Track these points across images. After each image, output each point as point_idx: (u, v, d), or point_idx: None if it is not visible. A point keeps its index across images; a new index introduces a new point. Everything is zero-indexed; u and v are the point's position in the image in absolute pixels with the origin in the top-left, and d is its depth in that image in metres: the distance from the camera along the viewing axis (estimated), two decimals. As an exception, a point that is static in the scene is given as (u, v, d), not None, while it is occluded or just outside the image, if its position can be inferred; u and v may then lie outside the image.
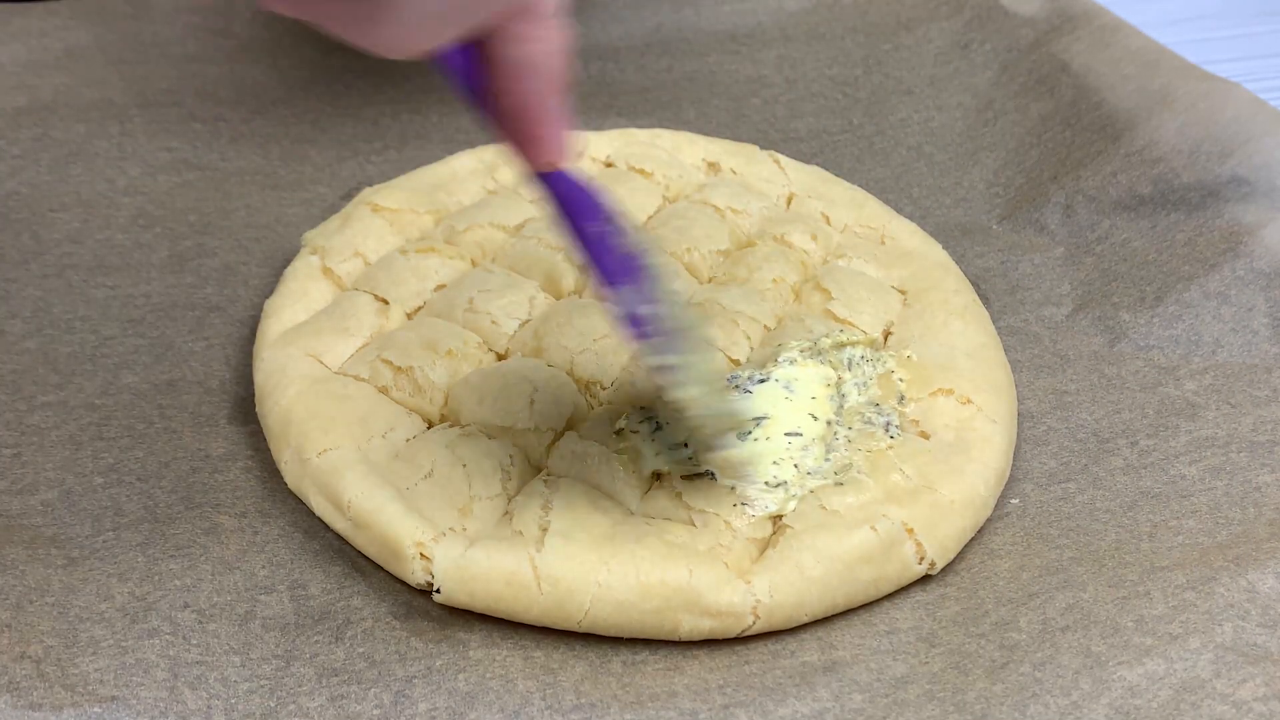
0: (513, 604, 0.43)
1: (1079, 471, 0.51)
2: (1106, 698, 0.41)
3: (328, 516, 0.47)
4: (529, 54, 0.37)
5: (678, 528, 0.45)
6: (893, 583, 0.46)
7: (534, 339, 0.52)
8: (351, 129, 0.70)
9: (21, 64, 0.70)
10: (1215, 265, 0.57)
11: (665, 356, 0.44)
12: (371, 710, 0.41)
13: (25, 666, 0.41)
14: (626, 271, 0.43)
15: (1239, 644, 0.42)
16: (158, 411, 0.52)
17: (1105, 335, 0.57)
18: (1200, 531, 0.47)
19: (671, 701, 0.42)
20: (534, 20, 0.36)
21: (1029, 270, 0.61)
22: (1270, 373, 0.54)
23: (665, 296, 0.44)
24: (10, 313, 0.56)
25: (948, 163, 0.69)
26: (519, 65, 0.37)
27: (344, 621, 0.44)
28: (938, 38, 0.75)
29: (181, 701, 0.41)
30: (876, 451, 0.49)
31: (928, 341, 0.54)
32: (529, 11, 0.36)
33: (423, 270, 0.56)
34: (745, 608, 0.44)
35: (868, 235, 0.61)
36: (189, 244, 0.61)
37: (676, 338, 0.44)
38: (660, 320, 0.44)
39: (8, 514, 0.47)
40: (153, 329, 0.56)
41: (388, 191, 0.60)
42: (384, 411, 0.49)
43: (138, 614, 0.44)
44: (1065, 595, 0.45)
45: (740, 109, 0.73)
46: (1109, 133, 0.64)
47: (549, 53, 0.37)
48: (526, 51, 0.37)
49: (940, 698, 0.42)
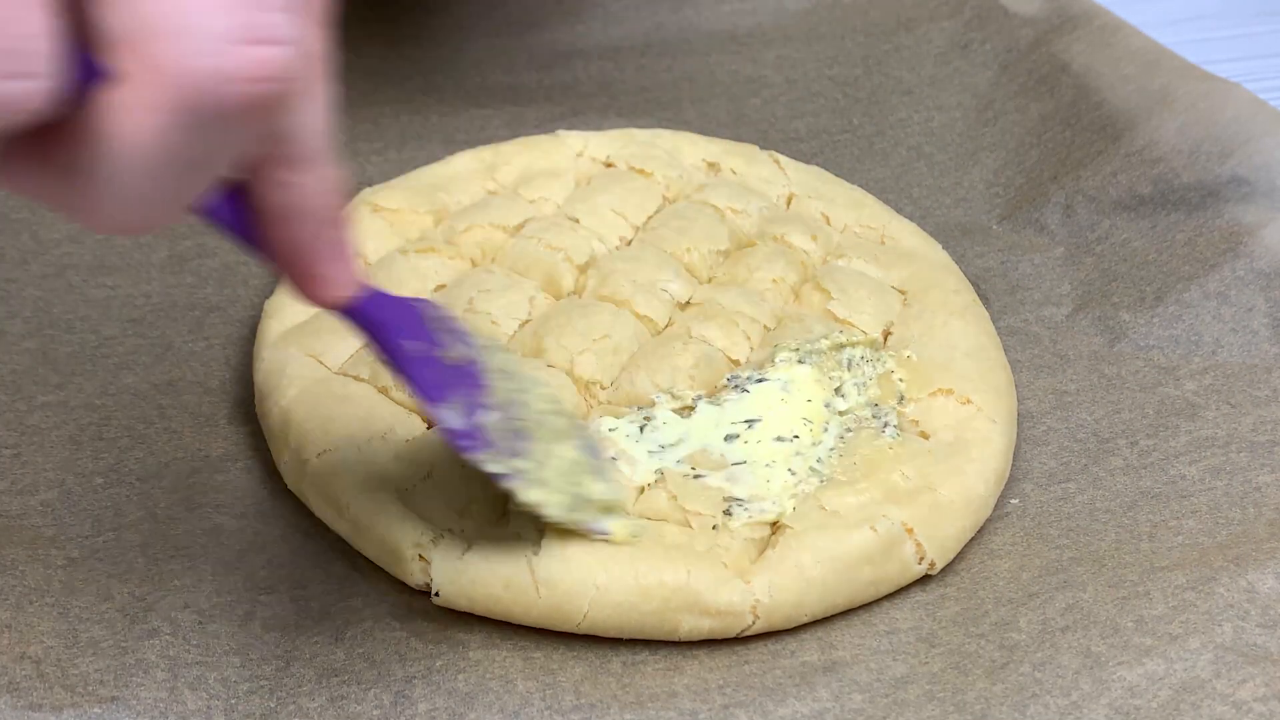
0: (511, 607, 0.43)
1: (1079, 471, 0.51)
2: (1106, 698, 0.41)
3: (327, 518, 0.47)
4: (293, 200, 0.35)
5: (674, 529, 0.45)
6: (893, 583, 0.46)
7: (534, 339, 0.52)
8: (351, 129, 0.70)
9: (21, 64, 0.70)
10: (1215, 265, 0.57)
11: (504, 463, 0.42)
12: (371, 710, 0.41)
13: (25, 667, 0.41)
14: (452, 383, 0.42)
15: (1239, 644, 0.42)
16: (158, 411, 0.52)
17: (1105, 335, 0.57)
18: (1200, 531, 0.47)
19: (671, 702, 0.42)
20: (293, 165, 0.34)
21: (1029, 270, 0.61)
22: (1270, 373, 0.54)
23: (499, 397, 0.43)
24: (10, 313, 0.56)
25: (948, 163, 0.69)
26: (285, 211, 0.35)
27: (344, 622, 0.44)
28: (938, 38, 0.75)
29: (181, 702, 0.41)
30: (876, 452, 0.49)
31: (927, 342, 0.54)
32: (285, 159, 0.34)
33: (423, 270, 0.56)
34: (744, 607, 0.44)
35: (868, 235, 0.61)
36: (189, 244, 0.61)
37: (516, 438, 0.43)
38: (496, 426, 0.42)
39: (8, 514, 0.47)
40: (153, 329, 0.56)
41: (387, 192, 0.60)
42: (384, 412, 0.49)
43: (138, 614, 0.44)
44: (1065, 595, 0.45)
45: (740, 109, 0.73)
46: (1109, 133, 0.64)
47: (315, 194, 0.35)
48: (290, 198, 0.35)
49: (940, 698, 0.42)
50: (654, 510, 0.46)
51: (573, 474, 0.44)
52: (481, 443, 0.42)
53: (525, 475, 0.43)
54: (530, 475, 0.43)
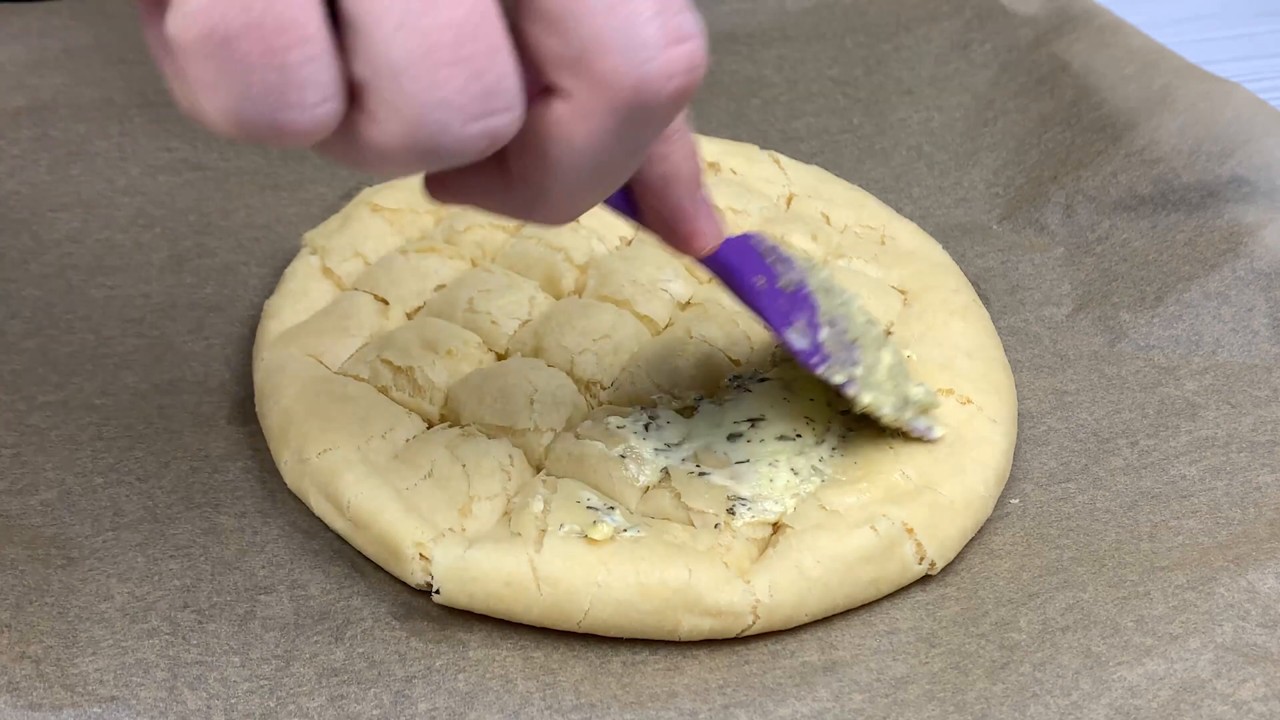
0: (512, 604, 0.43)
1: (1079, 471, 0.51)
2: (1106, 698, 0.41)
3: (327, 517, 0.47)
4: (668, 170, 0.39)
5: (677, 528, 0.45)
6: (893, 583, 0.46)
7: (534, 339, 0.52)
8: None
9: (21, 64, 0.70)
10: (1215, 265, 0.57)
11: (844, 371, 0.47)
12: (371, 710, 0.41)
13: (25, 666, 0.41)
14: (791, 308, 0.47)
15: (1239, 644, 0.42)
16: (158, 411, 0.52)
17: (1105, 335, 0.57)
18: (1200, 531, 0.47)
19: (671, 701, 0.42)
20: (667, 139, 0.39)
21: (1029, 270, 0.61)
22: (1270, 373, 0.54)
23: (828, 312, 0.47)
24: (10, 313, 0.56)
25: (948, 163, 0.69)
26: (663, 181, 0.40)
27: (344, 621, 0.44)
28: (938, 38, 0.75)
29: (181, 701, 0.41)
30: (877, 451, 0.49)
31: (928, 341, 0.54)
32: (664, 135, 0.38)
33: (423, 270, 0.56)
34: (745, 607, 0.44)
35: (868, 235, 0.61)
36: (189, 244, 0.61)
37: (848, 349, 0.47)
38: (831, 341, 0.47)
39: (8, 514, 0.47)
40: (153, 329, 0.56)
41: (388, 191, 0.60)
42: (384, 411, 0.49)
43: (137, 614, 0.44)
44: (1065, 595, 0.45)
45: (740, 109, 0.73)
46: (1109, 133, 0.64)
47: (684, 160, 0.40)
48: (666, 168, 0.39)
49: (940, 698, 0.42)
50: (657, 509, 0.46)
51: (895, 377, 0.48)
52: (823, 357, 0.47)
53: (861, 381, 0.47)
54: (864, 380, 0.47)
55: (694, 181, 0.40)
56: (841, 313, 0.48)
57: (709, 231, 0.41)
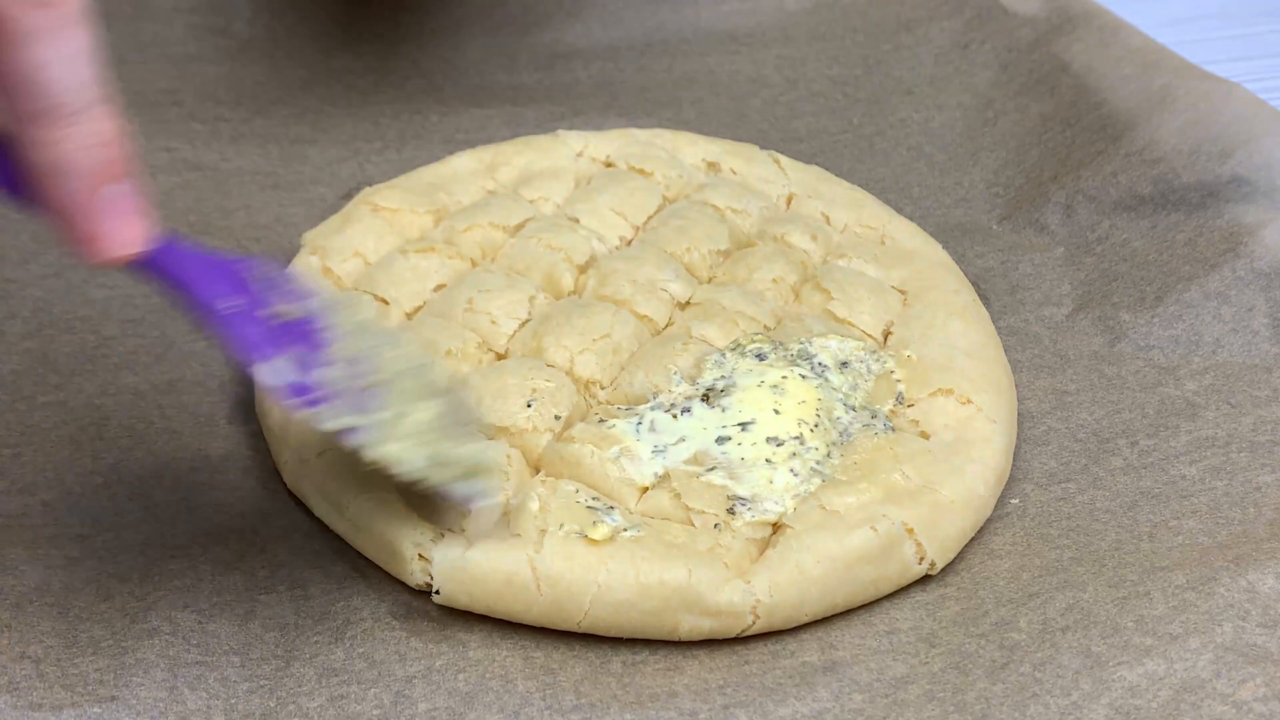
0: (512, 605, 0.44)
1: (1079, 471, 0.51)
2: (1106, 698, 0.41)
3: (327, 517, 0.47)
4: (56, 158, 0.34)
5: (676, 528, 0.45)
6: (893, 583, 0.46)
7: (534, 339, 0.52)
8: (351, 129, 0.70)
9: (21, 64, 0.70)
10: (1215, 265, 0.57)
11: (348, 417, 0.41)
12: (371, 710, 0.41)
13: (25, 666, 0.41)
14: (280, 340, 0.41)
15: (1239, 644, 0.42)
16: (158, 411, 0.52)
17: (1105, 335, 0.57)
18: (1200, 531, 0.47)
19: (671, 701, 0.42)
20: (52, 122, 0.33)
21: (1029, 270, 0.61)
22: (1270, 373, 0.54)
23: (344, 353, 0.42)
24: (10, 313, 0.56)
25: (948, 163, 0.69)
26: (49, 170, 0.34)
27: (344, 622, 0.44)
28: (938, 38, 0.75)
29: (181, 701, 0.41)
30: (877, 451, 0.49)
31: (928, 341, 0.54)
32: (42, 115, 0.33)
33: (422, 270, 0.56)
34: (745, 607, 0.44)
35: (868, 235, 0.61)
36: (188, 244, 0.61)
37: (363, 394, 0.42)
38: (340, 382, 0.42)
39: (8, 514, 0.47)
40: (153, 329, 0.56)
41: (387, 191, 0.60)
42: (384, 411, 0.49)
43: (137, 614, 0.44)
44: (1065, 595, 0.45)
45: (740, 109, 0.73)
46: (1109, 133, 0.64)
47: (82, 150, 0.34)
48: (52, 156, 0.34)
49: (940, 698, 0.42)
50: (657, 509, 0.46)
51: (430, 433, 0.43)
52: (316, 398, 0.41)
53: (373, 431, 0.41)
54: (388, 431, 0.42)
55: (99, 175, 0.35)
56: (369, 356, 0.43)
57: (118, 236, 0.36)
